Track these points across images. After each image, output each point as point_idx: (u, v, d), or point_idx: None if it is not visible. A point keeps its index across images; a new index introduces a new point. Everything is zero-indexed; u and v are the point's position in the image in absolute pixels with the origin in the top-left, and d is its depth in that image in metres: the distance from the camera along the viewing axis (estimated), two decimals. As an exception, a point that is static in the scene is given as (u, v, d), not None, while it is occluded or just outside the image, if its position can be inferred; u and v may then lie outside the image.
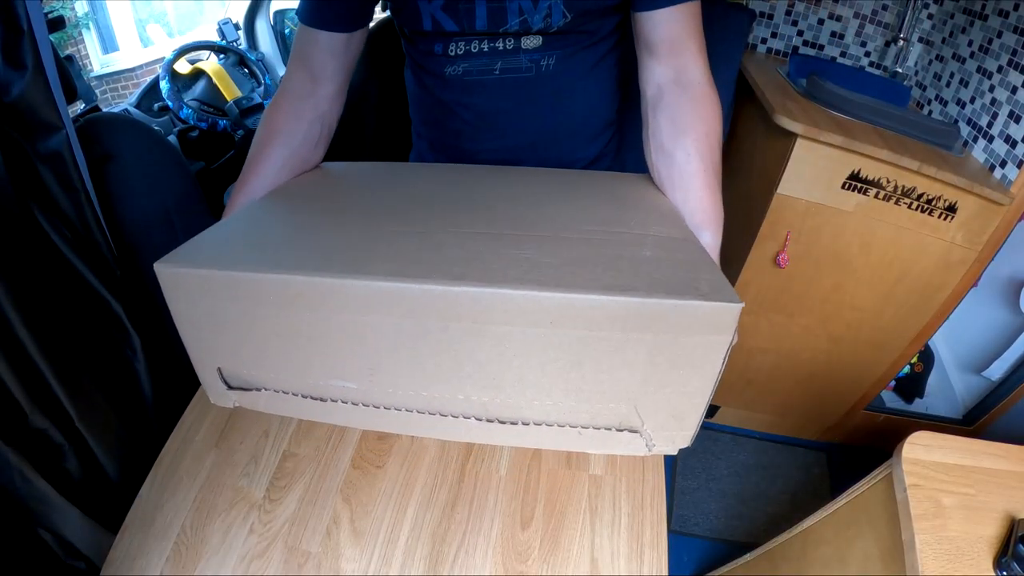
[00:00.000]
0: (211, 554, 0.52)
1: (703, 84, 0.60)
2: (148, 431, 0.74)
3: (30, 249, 0.63)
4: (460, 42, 0.65)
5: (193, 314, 0.46)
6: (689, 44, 0.60)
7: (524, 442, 0.50)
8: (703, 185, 0.59)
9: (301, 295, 0.41)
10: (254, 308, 0.43)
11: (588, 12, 0.63)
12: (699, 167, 0.58)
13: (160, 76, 1.75)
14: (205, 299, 0.44)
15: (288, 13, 2.29)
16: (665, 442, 0.48)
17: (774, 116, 1.10)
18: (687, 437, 0.47)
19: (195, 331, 0.48)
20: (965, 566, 0.59)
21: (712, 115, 0.60)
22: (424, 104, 0.76)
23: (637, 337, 0.39)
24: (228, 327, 0.46)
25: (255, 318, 0.44)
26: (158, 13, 3.22)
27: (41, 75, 0.62)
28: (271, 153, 0.63)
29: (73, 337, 0.66)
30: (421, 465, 0.58)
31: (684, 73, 0.60)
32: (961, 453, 0.69)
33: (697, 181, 0.59)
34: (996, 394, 1.34)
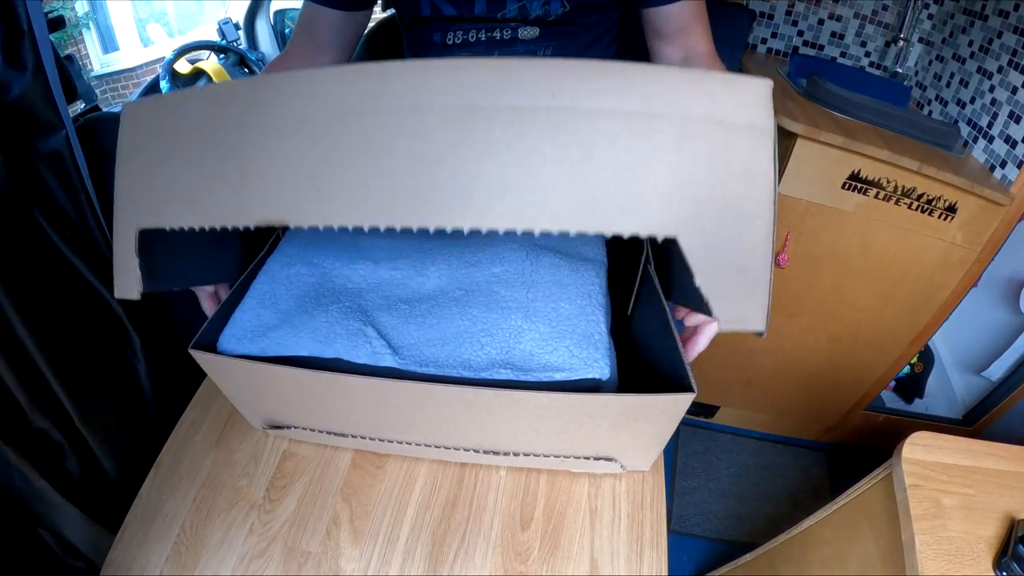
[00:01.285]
0: (211, 554, 0.52)
1: (711, 56, 0.63)
2: (148, 431, 0.74)
3: (30, 249, 0.63)
4: (458, 31, 0.65)
5: (226, 383, 0.54)
6: (696, 27, 0.62)
7: (513, 463, 0.58)
8: None
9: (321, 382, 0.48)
10: (279, 385, 0.51)
11: (586, 5, 0.63)
12: None
13: (160, 76, 1.75)
14: (236, 376, 0.52)
15: (288, 13, 2.29)
16: (636, 464, 0.56)
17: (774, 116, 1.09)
18: (653, 458, 0.56)
19: (231, 391, 0.56)
20: (965, 566, 0.59)
21: None
22: None
23: (615, 416, 0.48)
24: (256, 391, 0.54)
25: (279, 389, 0.52)
26: (158, 13, 3.22)
27: (41, 75, 0.62)
28: None
29: (73, 337, 0.66)
30: (421, 465, 0.58)
31: (692, 50, 0.63)
32: (961, 453, 0.69)
33: None
34: (996, 394, 1.34)
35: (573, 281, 0.56)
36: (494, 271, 0.58)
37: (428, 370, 0.48)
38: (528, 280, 0.56)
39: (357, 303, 0.54)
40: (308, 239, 0.62)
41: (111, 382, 0.71)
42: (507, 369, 0.48)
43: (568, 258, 0.59)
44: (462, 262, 0.59)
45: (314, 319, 0.52)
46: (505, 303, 0.53)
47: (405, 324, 0.52)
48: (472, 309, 0.53)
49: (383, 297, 0.55)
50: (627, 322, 0.66)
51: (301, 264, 0.58)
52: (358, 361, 0.49)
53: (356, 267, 0.58)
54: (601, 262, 0.61)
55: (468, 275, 0.57)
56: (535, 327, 0.51)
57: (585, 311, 0.53)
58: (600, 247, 0.63)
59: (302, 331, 0.51)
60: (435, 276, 0.57)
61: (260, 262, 0.60)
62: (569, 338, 0.50)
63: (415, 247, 0.61)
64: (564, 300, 0.53)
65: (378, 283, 0.57)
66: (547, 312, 0.52)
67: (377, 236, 0.63)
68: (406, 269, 0.58)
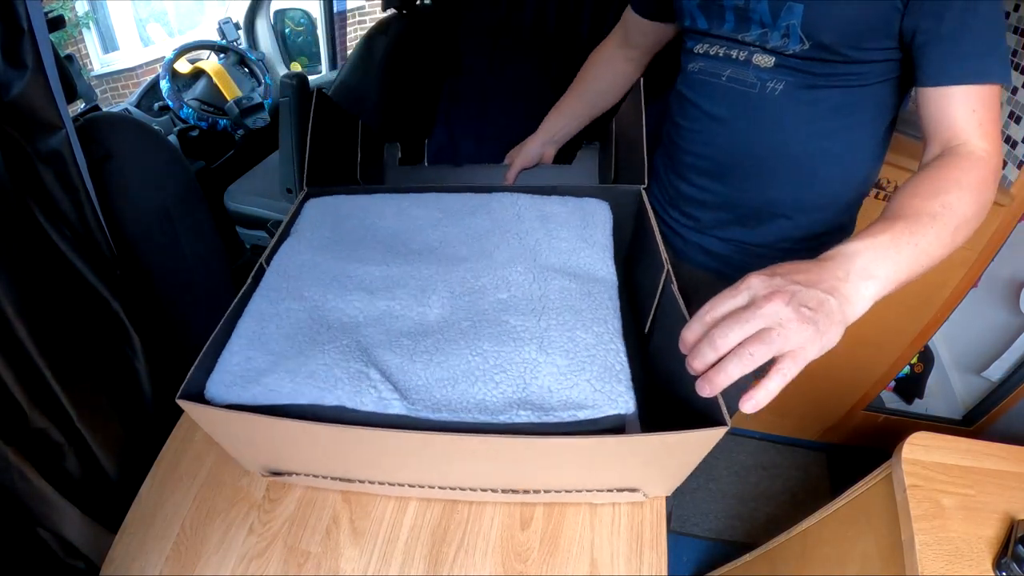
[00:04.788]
0: (211, 554, 0.52)
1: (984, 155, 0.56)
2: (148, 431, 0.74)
3: (30, 249, 0.63)
4: (705, 42, 0.69)
5: (219, 433, 0.51)
6: None
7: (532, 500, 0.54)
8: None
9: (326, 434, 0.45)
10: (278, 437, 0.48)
11: (827, 48, 0.59)
12: None
13: (160, 75, 1.75)
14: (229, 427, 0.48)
15: (288, 13, 2.29)
16: (659, 491, 0.55)
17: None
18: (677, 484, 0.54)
19: (225, 440, 0.52)
20: (965, 566, 0.59)
21: None
22: (674, 93, 0.78)
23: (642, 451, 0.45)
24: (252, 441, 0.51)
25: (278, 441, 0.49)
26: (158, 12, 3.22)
27: (41, 74, 0.62)
28: (588, 75, 0.86)
29: (73, 337, 0.66)
30: (421, 465, 0.58)
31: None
32: (961, 454, 0.69)
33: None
34: (996, 394, 1.34)
35: (587, 306, 0.53)
36: (500, 297, 0.54)
37: (441, 416, 0.44)
38: (538, 306, 0.53)
39: (355, 340, 0.50)
40: (295, 269, 0.58)
41: (111, 382, 0.71)
42: (526, 410, 0.44)
43: (578, 280, 0.56)
44: (464, 289, 0.55)
45: (310, 361, 0.47)
46: (517, 333, 0.50)
47: (410, 363, 0.48)
48: (482, 342, 0.49)
49: (383, 332, 0.51)
50: (644, 339, 0.62)
51: (290, 299, 0.54)
52: (364, 409, 0.45)
53: (350, 298, 0.54)
54: (612, 282, 0.58)
55: (472, 303, 0.54)
56: (551, 359, 0.47)
57: (603, 339, 0.49)
58: (609, 263, 0.60)
59: (298, 376, 0.46)
60: (437, 305, 0.54)
61: (246, 296, 0.56)
62: (589, 370, 0.47)
63: (411, 274, 0.57)
64: (579, 328, 0.50)
65: (376, 316, 0.53)
66: (563, 342, 0.49)
67: (370, 262, 0.59)
68: (405, 299, 0.54)
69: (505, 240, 0.62)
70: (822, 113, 0.64)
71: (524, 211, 0.66)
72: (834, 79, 0.62)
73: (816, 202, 0.71)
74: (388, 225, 0.65)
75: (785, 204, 0.71)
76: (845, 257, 0.43)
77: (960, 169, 0.52)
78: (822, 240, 0.74)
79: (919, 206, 0.48)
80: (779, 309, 0.38)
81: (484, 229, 0.64)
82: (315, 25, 2.29)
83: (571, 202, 0.68)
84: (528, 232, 0.63)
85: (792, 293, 0.39)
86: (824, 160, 0.67)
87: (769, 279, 0.40)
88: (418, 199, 0.69)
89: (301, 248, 0.61)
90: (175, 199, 0.91)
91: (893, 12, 0.55)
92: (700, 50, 0.69)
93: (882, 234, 0.45)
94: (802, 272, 0.41)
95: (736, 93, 0.66)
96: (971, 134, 0.54)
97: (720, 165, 0.71)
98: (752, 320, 0.38)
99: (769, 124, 0.66)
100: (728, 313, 0.40)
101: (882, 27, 0.57)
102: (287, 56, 2.28)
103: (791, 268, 0.42)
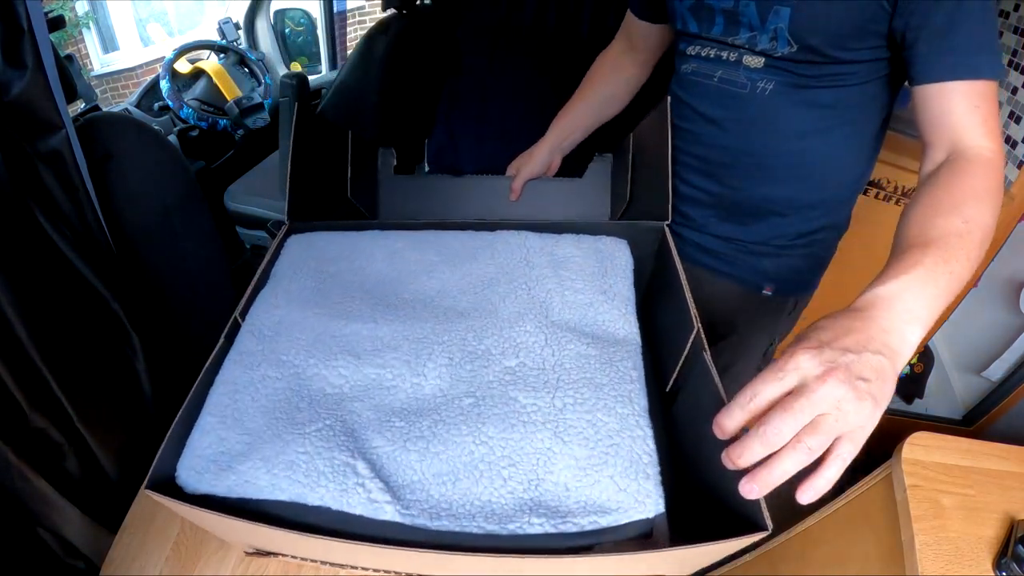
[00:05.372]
0: (211, 554, 0.52)
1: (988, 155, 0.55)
2: (148, 431, 0.74)
3: (30, 248, 0.63)
4: (697, 44, 0.69)
5: (195, 518, 0.44)
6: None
7: None
8: None
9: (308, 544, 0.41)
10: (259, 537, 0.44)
11: (814, 50, 0.59)
12: None
13: (160, 75, 1.75)
14: (204, 519, 0.42)
15: (288, 13, 2.29)
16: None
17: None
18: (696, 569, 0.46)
19: (202, 524, 0.47)
20: (965, 567, 0.59)
21: None
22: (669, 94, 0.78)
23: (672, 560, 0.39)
24: (231, 532, 0.46)
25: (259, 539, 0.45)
26: (158, 12, 3.22)
27: (41, 74, 0.62)
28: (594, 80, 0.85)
29: (73, 337, 0.66)
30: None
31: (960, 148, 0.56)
32: (961, 454, 0.69)
33: None
34: (996, 394, 1.34)
35: (608, 379, 0.46)
36: (508, 365, 0.47)
37: (441, 524, 0.38)
38: (552, 378, 0.46)
39: (340, 419, 0.44)
40: (272, 327, 0.51)
41: (111, 382, 0.71)
42: (540, 517, 0.38)
43: (596, 342, 0.49)
44: (465, 354, 0.48)
45: (289, 448, 0.41)
46: (527, 416, 0.43)
47: (404, 451, 0.42)
48: (486, 426, 0.42)
49: (372, 407, 0.45)
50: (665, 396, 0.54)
51: (266, 364, 0.47)
52: (351, 511, 0.39)
53: (335, 364, 0.47)
54: (635, 343, 0.50)
55: (475, 373, 0.47)
56: (568, 449, 0.41)
57: (627, 423, 0.43)
58: (631, 320, 0.53)
59: (276, 466, 0.40)
60: (434, 375, 0.47)
61: (218, 359, 0.49)
62: (612, 465, 0.40)
63: (404, 333, 0.50)
64: (600, 408, 0.43)
65: (364, 386, 0.46)
66: (581, 427, 0.42)
67: (356, 319, 0.52)
68: (397, 365, 0.47)
69: (512, 291, 0.55)
70: (813, 112, 0.64)
71: (533, 255, 0.59)
72: (823, 79, 0.62)
73: (809, 200, 0.71)
74: (378, 270, 0.58)
75: (779, 202, 0.71)
76: (886, 303, 0.40)
77: (972, 176, 0.51)
78: (817, 236, 0.74)
79: (943, 225, 0.46)
80: (835, 390, 0.34)
81: (488, 277, 0.57)
82: (315, 25, 2.29)
83: (586, 242, 0.61)
84: (538, 281, 0.56)
85: (847, 367, 0.35)
86: (816, 158, 0.67)
87: (818, 353, 0.35)
88: (412, 239, 0.62)
89: (279, 301, 0.54)
90: (175, 199, 0.91)
91: (880, 13, 0.55)
92: (692, 52, 0.70)
93: (916, 267, 0.42)
94: (850, 334, 0.37)
95: (727, 93, 0.67)
96: (975, 133, 0.53)
97: (714, 164, 0.71)
98: (807, 409, 0.34)
99: (760, 123, 0.66)
100: (776, 399, 0.35)
101: (869, 28, 0.57)
102: (287, 56, 2.28)
103: (836, 331, 0.37)
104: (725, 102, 0.68)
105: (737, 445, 0.35)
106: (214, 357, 0.49)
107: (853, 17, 0.56)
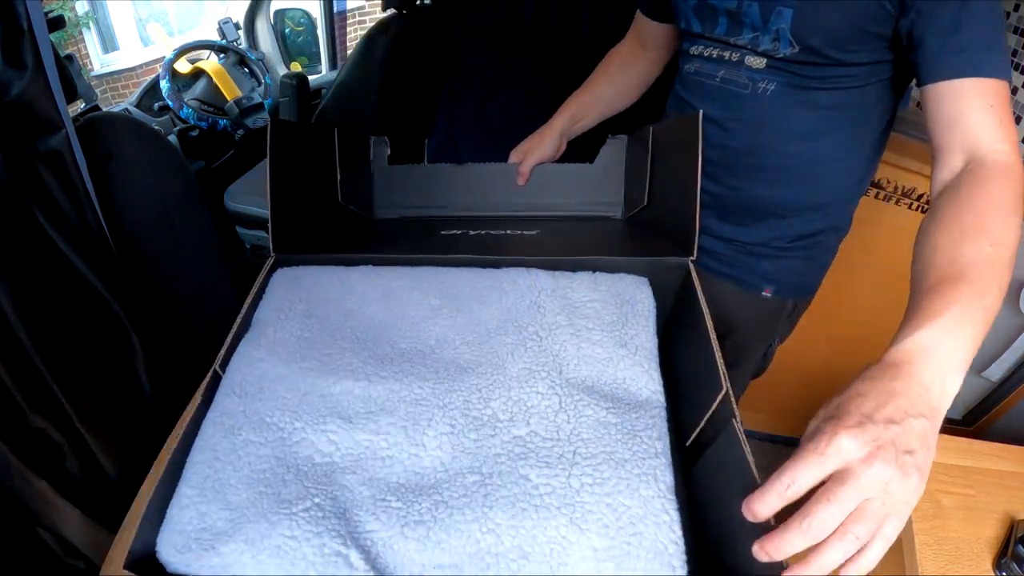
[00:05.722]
0: (211, 554, 0.52)
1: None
2: (148, 431, 0.74)
3: (30, 248, 0.63)
4: (700, 44, 0.69)
5: None
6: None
7: None
8: None
9: None
10: None
11: (816, 51, 0.59)
12: None
13: (160, 75, 1.75)
14: None
15: (288, 13, 2.29)
16: None
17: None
18: None
19: None
20: (965, 567, 0.59)
21: None
22: (672, 94, 0.79)
23: None
24: None
25: None
26: (158, 12, 3.22)
27: (41, 74, 0.62)
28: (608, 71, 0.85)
29: (72, 336, 0.66)
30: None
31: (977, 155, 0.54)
32: (961, 453, 0.69)
33: None
34: (996, 394, 1.34)
35: (631, 453, 0.41)
36: (517, 434, 0.42)
37: None
38: (567, 451, 0.41)
39: (331, 496, 0.39)
40: (255, 383, 0.46)
41: (111, 382, 0.71)
42: None
43: (616, 406, 0.44)
44: (469, 420, 0.43)
45: (275, 531, 0.37)
46: (540, 498, 0.39)
47: (401, 537, 0.37)
48: (494, 511, 0.38)
49: (366, 481, 0.40)
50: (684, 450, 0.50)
51: (249, 427, 0.43)
52: None
53: (324, 429, 0.43)
54: (659, 404, 0.46)
55: (480, 443, 0.42)
56: (586, 539, 0.37)
57: (652, 507, 0.38)
58: (654, 377, 0.47)
59: (262, 551, 0.37)
60: (434, 444, 0.42)
61: (196, 419, 0.44)
62: (635, 556, 0.36)
63: (400, 393, 0.45)
64: (622, 490, 0.39)
65: (356, 454, 0.42)
66: (600, 512, 0.38)
67: (347, 375, 0.47)
68: (392, 432, 0.43)
69: (522, 341, 0.50)
70: (815, 114, 0.64)
71: (545, 298, 0.53)
72: (825, 81, 0.62)
73: (811, 202, 0.70)
74: (372, 314, 0.53)
75: (780, 203, 0.70)
76: (925, 356, 0.38)
77: (995, 186, 0.48)
78: (817, 239, 0.74)
79: (971, 253, 0.44)
80: (882, 472, 0.32)
81: (494, 324, 0.52)
82: (315, 25, 2.29)
83: (604, 283, 0.55)
84: (551, 330, 0.50)
85: (892, 443, 0.32)
86: (818, 160, 0.67)
87: (861, 432, 0.33)
88: (410, 277, 0.56)
89: (262, 353, 0.49)
90: (175, 199, 0.91)
91: (882, 14, 0.55)
92: (695, 52, 0.70)
93: (951, 308, 0.40)
94: (891, 400, 0.34)
95: (729, 93, 0.67)
96: (992, 136, 0.51)
97: (715, 165, 0.71)
98: (854, 496, 0.31)
99: (761, 124, 0.66)
100: (817, 486, 0.33)
101: (870, 30, 0.56)
102: (287, 56, 2.28)
103: (877, 399, 0.35)
104: (726, 102, 0.67)
105: (775, 537, 0.32)
106: (193, 416, 0.45)
107: (853, 18, 0.56)
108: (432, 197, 0.73)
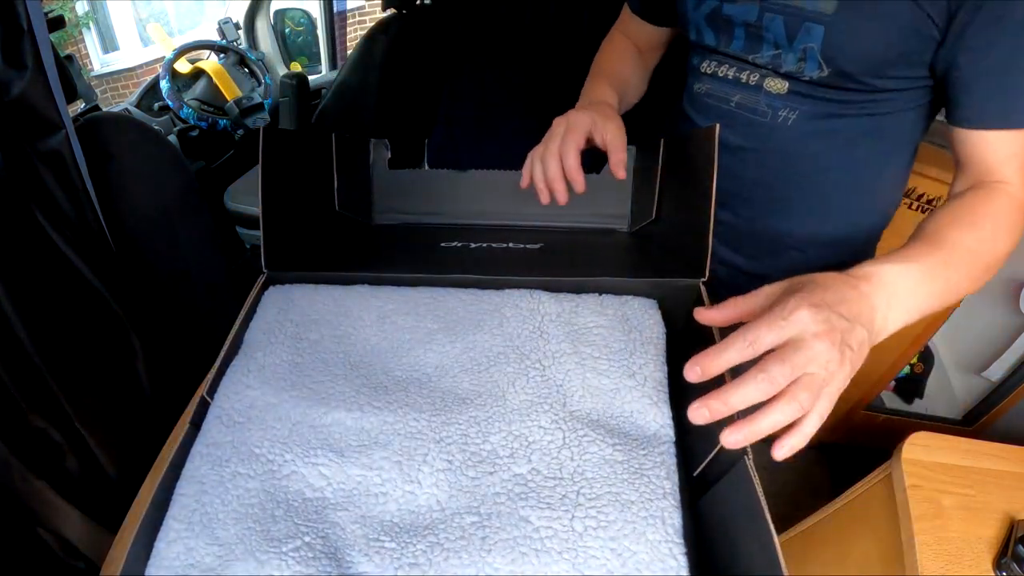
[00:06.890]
0: (211, 554, 0.52)
1: None
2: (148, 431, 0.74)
3: (29, 248, 0.63)
4: (713, 61, 0.63)
5: None
6: None
7: None
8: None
9: None
10: None
11: (848, 75, 0.53)
12: None
13: (160, 75, 1.75)
14: None
15: (288, 13, 2.30)
16: None
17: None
18: None
19: None
20: (965, 567, 0.59)
21: None
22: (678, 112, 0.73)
23: None
24: None
25: None
26: (158, 12, 3.22)
27: (41, 75, 0.62)
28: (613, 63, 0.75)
29: (72, 336, 0.66)
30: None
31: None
32: (961, 454, 0.69)
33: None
34: (996, 394, 1.34)
35: (638, 494, 0.39)
36: (517, 472, 0.41)
37: None
38: (571, 491, 0.39)
39: (321, 535, 0.38)
40: (244, 411, 0.44)
41: (111, 382, 0.71)
42: None
43: (623, 442, 0.42)
44: (467, 456, 0.42)
45: (264, 570, 0.36)
46: (541, 543, 0.37)
47: None
48: (492, 555, 0.36)
49: (358, 519, 0.39)
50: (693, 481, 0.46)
51: (237, 459, 0.41)
52: None
53: (315, 462, 0.41)
54: (668, 439, 0.43)
55: (479, 481, 0.40)
56: None
57: (659, 552, 0.36)
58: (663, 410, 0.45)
59: None
60: (430, 482, 0.40)
61: (183, 449, 0.43)
62: None
63: (394, 426, 0.44)
64: (627, 534, 0.37)
65: (348, 490, 0.40)
66: (604, 558, 0.36)
67: (339, 405, 0.45)
68: (386, 468, 0.41)
69: (523, 371, 0.47)
70: (839, 144, 0.59)
71: (548, 323, 0.51)
72: (853, 106, 0.56)
73: (832, 235, 0.66)
74: (366, 339, 0.51)
75: (798, 237, 0.66)
76: (881, 283, 0.40)
77: (997, 204, 0.50)
78: None
79: (956, 238, 0.46)
80: (829, 351, 0.34)
81: (494, 351, 0.49)
82: (315, 25, 2.29)
83: (610, 306, 0.52)
84: (555, 359, 0.48)
85: (842, 332, 0.35)
86: (841, 192, 0.63)
87: (819, 312, 0.35)
88: (406, 299, 0.54)
89: (251, 380, 0.47)
90: (175, 199, 0.91)
91: (928, 40, 0.50)
92: (707, 69, 0.64)
93: (918, 260, 0.43)
94: (845, 302, 0.37)
95: (745, 121, 0.61)
96: (1009, 175, 0.51)
97: (727, 194, 0.65)
98: (803, 364, 0.34)
99: (781, 155, 0.61)
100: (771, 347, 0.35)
101: (914, 56, 0.51)
102: (287, 56, 2.28)
103: (834, 295, 0.37)
104: (742, 130, 0.62)
105: (731, 388, 0.34)
106: (179, 446, 0.43)
107: (897, 41, 0.50)
108: (433, 204, 0.70)
